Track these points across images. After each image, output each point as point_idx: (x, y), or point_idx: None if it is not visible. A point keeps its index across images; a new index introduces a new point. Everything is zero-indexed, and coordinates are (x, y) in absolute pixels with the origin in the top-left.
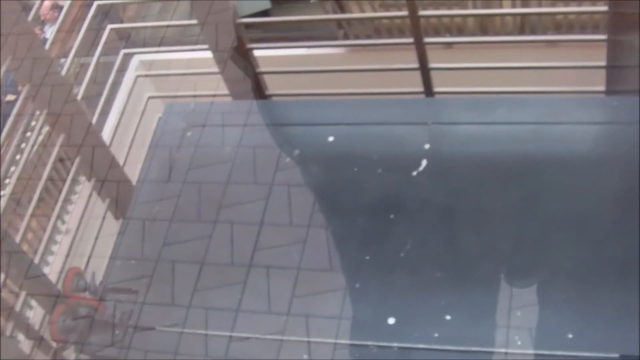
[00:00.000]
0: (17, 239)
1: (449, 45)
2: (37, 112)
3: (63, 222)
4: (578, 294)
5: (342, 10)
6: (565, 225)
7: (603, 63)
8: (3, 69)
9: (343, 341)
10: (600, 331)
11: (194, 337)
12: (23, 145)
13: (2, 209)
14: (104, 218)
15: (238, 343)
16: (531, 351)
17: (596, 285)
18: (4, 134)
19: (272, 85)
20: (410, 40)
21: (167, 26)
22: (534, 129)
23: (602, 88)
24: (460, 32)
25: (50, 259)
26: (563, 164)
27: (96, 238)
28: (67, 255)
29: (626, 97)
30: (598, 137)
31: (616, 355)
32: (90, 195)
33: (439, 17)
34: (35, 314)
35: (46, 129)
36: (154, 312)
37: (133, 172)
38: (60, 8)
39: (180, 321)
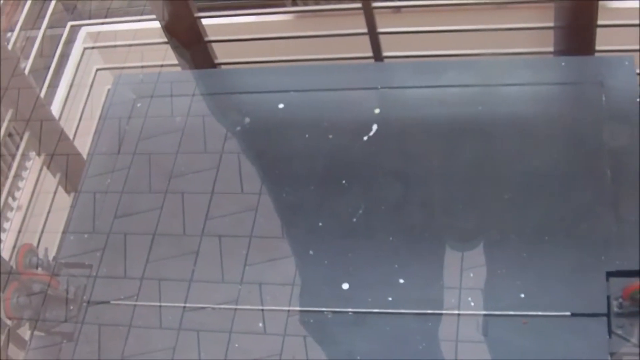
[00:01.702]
0: None
1: (397, 9)
2: None
3: (14, 198)
4: (529, 254)
5: None
6: (515, 186)
7: (551, 24)
8: None
9: (297, 308)
10: (551, 290)
11: (148, 309)
12: None
13: None
14: (55, 192)
15: (192, 313)
16: (484, 312)
17: (547, 245)
18: None
19: (221, 54)
20: (359, 5)
21: None
22: (483, 90)
23: (550, 49)
24: None
25: (2, 236)
26: (512, 124)
27: (48, 213)
28: (19, 232)
29: (574, 57)
30: (547, 98)
31: (568, 313)
32: (40, 170)
33: None
34: None
35: None
36: (107, 286)
37: (83, 145)
38: None
39: (134, 293)
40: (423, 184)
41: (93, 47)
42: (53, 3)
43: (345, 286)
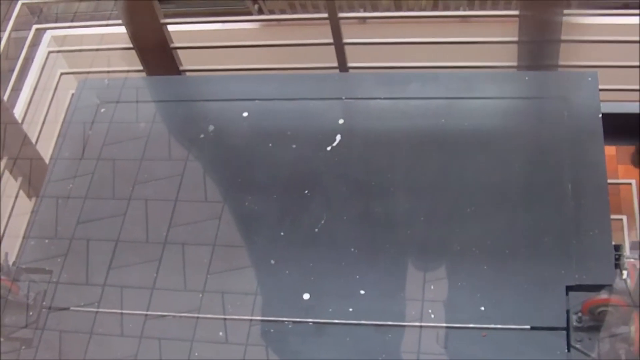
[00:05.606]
0: None
1: (363, 20)
2: None
3: None
4: (489, 267)
5: None
6: (478, 199)
7: (515, 38)
8: None
9: (258, 318)
10: (511, 304)
11: (109, 316)
12: None
13: None
14: (16, 197)
15: (154, 321)
16: (444, 324)
17: (507, 259)
18: None
19: (187, 61)
20: (325, 15)
21: (80, 0)
22: (447, 103)
23: (514, 63)
24: (375, 7)
25: None
26: (476, 138)
27: (9, 217)
28: None
29: (537, 72)
30: (510, 111)
31: (527, 326)
32: (2, 174)
33: None
34: None
35: None
36: (68, 292)
37: (46, 150)
38: None
39: (95, 300)
40: (386, 195)
41: (58, 51)
42: (18, 6)
43: (306, 296)
